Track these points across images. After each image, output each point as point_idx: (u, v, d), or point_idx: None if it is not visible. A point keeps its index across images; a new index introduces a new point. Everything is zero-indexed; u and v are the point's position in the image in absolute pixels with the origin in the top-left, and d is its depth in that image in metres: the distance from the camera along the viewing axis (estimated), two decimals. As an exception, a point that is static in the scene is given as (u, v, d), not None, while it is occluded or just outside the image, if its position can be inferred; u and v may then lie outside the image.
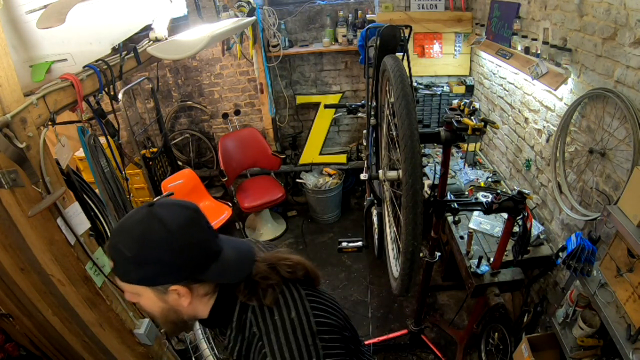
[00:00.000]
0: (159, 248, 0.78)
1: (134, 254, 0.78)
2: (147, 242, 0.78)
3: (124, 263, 0.79)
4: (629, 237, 1.39)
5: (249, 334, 0.86)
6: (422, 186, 1.31)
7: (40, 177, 1.25)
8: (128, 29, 1.75)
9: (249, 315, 0.87)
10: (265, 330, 0.84)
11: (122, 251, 0.78)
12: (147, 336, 1.77)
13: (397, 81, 1.42)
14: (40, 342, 1.79)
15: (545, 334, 2.03)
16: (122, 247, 0.78)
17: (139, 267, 0.79)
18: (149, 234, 0.78)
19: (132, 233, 0.79)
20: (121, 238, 0.80)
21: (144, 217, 0.80)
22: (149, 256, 0.78)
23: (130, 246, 0.78)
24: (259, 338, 0.85)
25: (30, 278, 1.45)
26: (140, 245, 0.78)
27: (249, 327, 0.87)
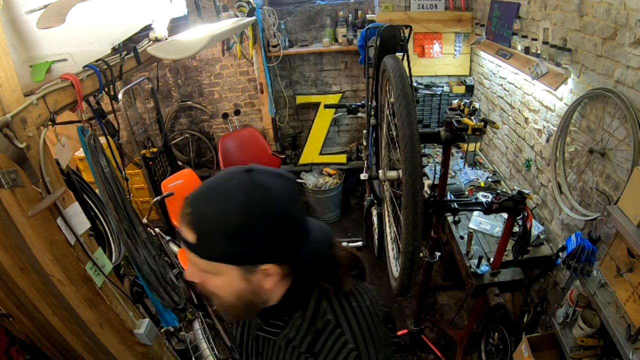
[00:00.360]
0: (265, 221, 0.67)
1: (235, 226, 0.65)
2: (254, 213, 0.66)
3: (214, 236, 0.67)
4: (629, 237, 1.39)
5: (323, 323, 0.78)
6: (422, 186, 1.31)
7: (40, 177, 1.25)
8: (128, 29, 1.75)
9: (324, 303, 0.79)
10: (345, 317, 0.78)
11: (216, 221, 0.66)
12: (147, 336, 1.77)
13: (397, 81, 1.42)
14: (40, 342, 1.79)
15: (545, 334, 2.03)
16: (218, 216, 0.66)
17: (235, 242, 0.67)
18: (256, 204, 0.66)
19: (234, 200, 0.66)
20: (217, 205, 0.67)
21: (246, 183, 0.67)
22: (251, 229, 0.66)
23: (230, 216, 0.65)
24: (336, 325, 0.77)
25: (30, 278, 1.45)
26: (244, 216, 0.65)
27: (322, 315, 0.78)
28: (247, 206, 0.66)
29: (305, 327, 0.78)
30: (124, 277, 2.12)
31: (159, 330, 1.97)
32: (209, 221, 0.67)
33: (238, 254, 0.69)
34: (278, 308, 0.80)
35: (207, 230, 0.67)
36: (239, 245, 0.67)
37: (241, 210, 0.66)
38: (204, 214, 0.67)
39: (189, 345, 2.25)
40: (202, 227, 0.68)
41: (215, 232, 0.67)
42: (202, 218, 0.67)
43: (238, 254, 0.69)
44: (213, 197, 0.69)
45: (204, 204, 0.68)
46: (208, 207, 0.68)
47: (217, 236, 0.67)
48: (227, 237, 0.66)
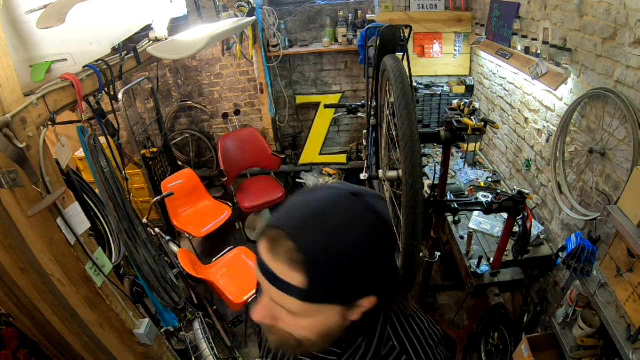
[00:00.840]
0: (385, 254, 0.59)
1: (356, 263, 0.55)
2: (377, 247, 0.58)
3: (330, 276, 0.55)
4: (629, 237, 1.39)
5: (387, 350, 0.70)
6: (422, 186, 1.31)
7: (40, 177, 1.25)
8: (128, 29, 1.75)
9: (388, 329, 0.71)
10: (409, 343, 0.71)
11: (337, 260, 0.54)
12: (147, 336, 1.77)
13: (397, 81, 1.42)
14: (40, 342, 1.79)
15: (545, 334, 2.03)
16: (340, 254, 0.54)
17: (352, 280, 0.56)
18: (379, 237, 0.58)
19: (356, 232, 0.56)
20: (336, 240, 0.55)
21: (364, 211, 0.58)
22: (371, 265, 0.57)
23: (355, 252, 0.55)
24: (401, 352, 0.70)
25: (30, 278, 1.45)
26: (369, 251, 0.56)
27: (386, 342, 0.71)
28: (373, 240, 0.57)
29: (370, 356, 0.70)
30: (124, 277, 2.13)
31: (159, 330, 1.97)
32: (329, 260, 0.54)
33: (350, 292, 0.58)
34: (347, 335, 0.70)
35: (324, 271, 0.55)
36: (354, 283, 0.57)
37: (367, 242, 0.56)
38: (322, 251, 0.54)
39: (189, 345, 2.25)
40: (318, 268, 0.54)
41: (336, 273, 0.55)
42: (318, 256, 0.54)
43: (350, 292, 0.58)
44: (329, 228, 0.55)
45: (318, 236, 0.55)
46: (326, 242, 0.54)
47: (338, 276, 0.55)
48: (345, 276, 0.56)
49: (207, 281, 2.58)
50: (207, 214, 3.56)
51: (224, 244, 3.83)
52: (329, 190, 0.61)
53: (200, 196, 3.71)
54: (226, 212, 3.57)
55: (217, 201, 3.73)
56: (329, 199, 0.58)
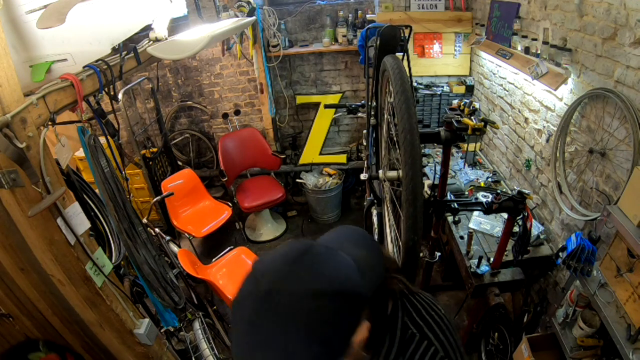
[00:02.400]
0: (335, 328, 0.59)
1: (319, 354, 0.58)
2: (323, 333, 0.58)
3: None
4: (629, 237, 1.39)
5: (408, 338, 0.74)
6: (422, 180, 1.31)
7: (40, 177, 1.25)
8: (128, 29, 1.75)
9: (405, 319, 0.75)
10: (428, 327, 0.75)
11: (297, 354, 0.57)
12: (147, 336, 1.77)
13: (397, 81, 1.42)
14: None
15: (545, 334, 2.03)
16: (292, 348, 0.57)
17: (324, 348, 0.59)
18: (312, 319, 0.58)
19: (295, 331, 0.57)
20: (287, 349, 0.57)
21: (300, 305, 0.58)
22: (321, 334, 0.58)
23: (308, 351, 0.57)
24: (422, 338, 0.74)
25: (30, 278, 1.45)
26: (315, 342, 0.58)
27: (405, 331, 0.75)
28: (310, 326, 0.58)
29: (394, 350, 0.73)
30: (124, 277, 2.12)
31: (159, 330, 1.96)
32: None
33: (334, 353, 0.60)
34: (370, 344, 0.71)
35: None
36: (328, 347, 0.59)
37: (308, 333, 0.57)
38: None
39: (189, 345, 2.26)
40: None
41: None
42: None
43: (334, 353, 0.60)
44: (273, 334, 0.58)
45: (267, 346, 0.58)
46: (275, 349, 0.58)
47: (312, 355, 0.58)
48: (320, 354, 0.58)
49: (207, 281, 2.59)
50: (207, 214, 3.56)
51: (224, 244, 3.83)
52: (246, 300, 0.61)
53: (200, 196, 3.71)
54: (226, 212, 3.57)
55: (217, 201, 3.74)
56: (252, 313, 0.59)
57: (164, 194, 2.92)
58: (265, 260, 0.64)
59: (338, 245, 0.71)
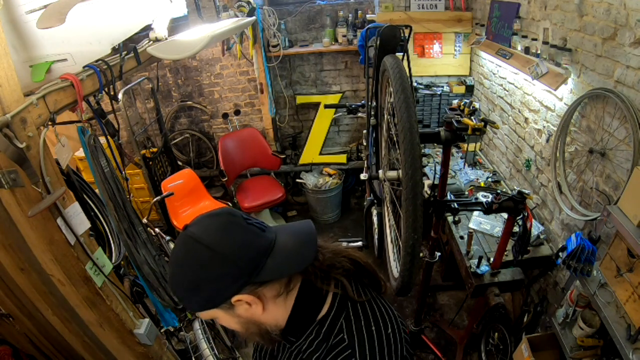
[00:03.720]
0: (205, 267, 0.73)
1: (188, 283, 0.75)
2: (191, 266, 0.74)
3: (185, 296, 0.77)
4: (629, 237, 1.39)
5: (335, 341, 0.79)
6: (422, 179, 1.31)
7: (40, 177, 1.25)
8: (128, 29, 1.75)
9: (342, 321, 0.80)
10: (360, 341, 0.77)
11: (178, 285, 0.77)
12: (147, 336, 1.77)
13: (397, 81, 1.42)
14: (40, 342, 1.79)
15: (545, 334, 2.03)
16: (176, 282, 0.77)
17: (197, 293, 0.75)
18: (190, 258, 0.75)
19: (178, 263, 0.77)
20: (173, 274, 0.78)
21: (182, 244, 0.78)
22: (199, 279, 0.74)
23: (181, 277, 0.76)
24: (348, 347, 0.77)
25: (30, 278, 1.45)
26: (187, 272, 0.75)
27: (336, 333, 0.79)
28: (185, 264, 0.75)
29: (317, 342, 0.80)
30: (124, 277, 2.12)
31: (159, 330, 1.96)
32: (175, 288, 0.79)
33: (205, 300, 0.76)
34: (289, 327, 0.83)
35: (180, 294, 0.78)
36: (200, 294, 0.75)
37: (184, 269, 0.75)
38: (172, 284, 0.79)
39: (189, 345, 2.26)
40: (176, 293, 0.80)
41: (183, 293, 0.77)
42: (173, 287, 0.80)
43: (205, 300, 0.76)
44: (172, 267, 0.79)
45: (170, 276, 0.79)
46: (171, 279, 0.79)
47: (187, 294, 0.77)
48: (191, 291, 0.75)
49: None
50: (207, 214, 3.55)
51: (224, 244, 3.82)
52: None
53: (200, 196, 3.71)
54: (226, 212, 3.56)
55: (217, 201, 3.73)
56: (174, 245, 0.82)
57: (164, 194, 2.91)
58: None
59: (279, 229, 0.83)
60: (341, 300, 0.82)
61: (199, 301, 0.76)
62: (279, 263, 0.76)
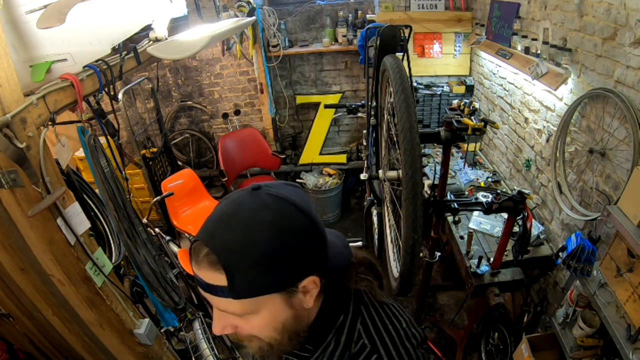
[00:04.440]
0: (299, 232, 0.61)
1: (271, 248, 0.58)
2: (286, 227, 0.60)
3: (250, 267, 0.58)
4: (629, 237, 1.39)
5: (358, 348, 0.71)
6: (422, 179, 1.31)
7: (40, 177, 1.25)
8: (128, 29, 1.75)
9: (359, 326, 0.72)
10: (381, 342, 0.71)
11: (249, 249, 0.58)
12: (147, 336, 1.77)
13: (397, 81, 1.42)
14: (40, 342, 1.79)
15: (545, 334, 2.03)
16: (249, 242, 0.58)
17: (275, 265, 0.59)
18: (284, 216, 0.61)
19: (259, 220, 0.59)
20: (243, 232, 0.59)
21: (263, 200, 0.61)
22: (288, 245, 0.60)
23: (263, 238, 0.58)
24: (372, 351, 0.70)
25: (30, 278, 1.45)
26: (278, 233, 0.59)
27: (356, 340, 0.71)
28: (278, 222, 0.60)
29: (339, 353, 0.71)
30: (124, 277, 2.13)
31: (159, 330, 1.96)
32: (240, 252, 0.58)
33: (280, 277, 0.61)
34: (312, 329, 0.73)
35: (240, 264, 0.58)
36: (279, 267, 0.60)
37: (273, 228, 0.59)
38: (231, 246, 0.58)
39: (189, 345, 2.26)
40: (233, 262, 0.58)
41: (250, 262, 0.58)
42: (229, 252, 0.58)
43: (280, 277, 0.61)
44: (233, 225, 0.60)
45: (226, 235, 0.59)
46: (233, 237, 0.59)
47: (254, 266, 0.59)
48: (265, 262, 0.59)
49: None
50: (207, 214, 3.52)
51: (224, 244, 3.82)
52: (235, 193, 0.65)
53: (200, 196, 3.71)
54: (226, 212, 3.56)
55: (217, 201, 3.72)
56: (232, 202, 0.63)
57: (164, 194, 2.91)
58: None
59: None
60: (356, 303, 0.76)
61: (270, 280, 0.60)
62: (334, 253, 0.69)
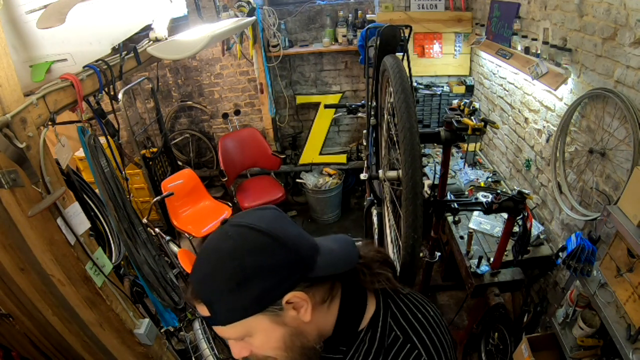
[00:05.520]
0: (264, 253, 0.64)
1: (234, 273, 0.63)
2: (245, 255, 0.63)
3: (224, 298, 0.64)
4: (629, 237, 1.39)
5: (390, 341, 0.73)
6: (422, 179, 1.31)
7: (40, 177, 1.25)
8: (128, 29, 1.75)
9: (389, 320, 0.75)
10: (413, 331, 0.74)
11: (215, 280, 0.64)
12: (147, 336, 1.77)
13: (397, 81, 1.42)
14: (40, 342, 1.79)
15: (545, 334, 2.03)
16: (213, 274, 0.64)
17: (243, 291, 0.63)
18: (240, 244, 0.64)
19: (220, 252, 0.65)
20: (207, 265, 0.66)
21: (223, 232, 0.67)
22: (255, 268, 0.63)
23: (227, 271, 0.63)
24: (405, 341, 0.72)
25: (30, 278, 1.45)
26: (236, 258, 0.63)
27: (387, 333, 0.74)
28: (238, 247, 0.64)
29: (375, 349, 0.73)
30: (124, 277, 2.13)
31: (159, 330, 1.96)
32: (210, 283, 0.65)
33: (254, 298, 0.64)
34: (338, 335, 0.75)
35: (213, 294, 0.65)
36: (248, 288, 0.63)
37: (233, 252, 0.64)
38: (201, 281, 0.66)
39: (189, 345, 2.26)
40: (207, 293, 0.65)
41: (220, 290, 0.64)
42: (201, 285, 0.66)
43: (254, 298, 0.64)
44: (203, 261, 0.68)
45: (197, 272, 0.67)
46: (203, 271, 0.66)
47: (224, 292, 0.64)
48: (233, 287, 0.63)
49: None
50: (207, 214, 3.56)
51: (224, 244, 3.82)
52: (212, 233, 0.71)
53: (200, 196, 3.71)
54: (226, 212, 3.57)
55: (217, 201, 3.74)
56: (207, 241, 0.69)
57: (164, 194, 2.92)
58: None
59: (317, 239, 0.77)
60: (384, 297, 0.78)
61: (244, 302, 0.64)
62: (329, 260, 0.71)
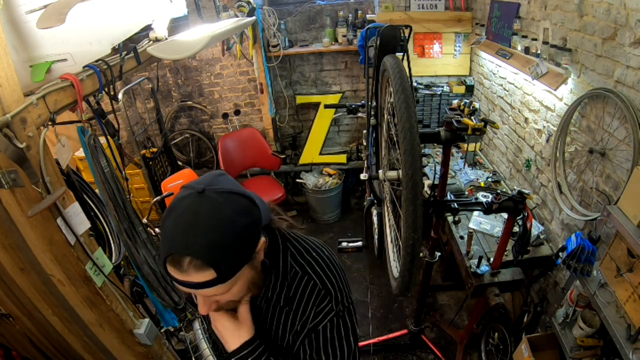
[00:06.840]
0: (249, 212, 0.77)
1: (237, 236, 0.74)
2: (238, 217, 0.74)
3: (227, 257, 0.73)
4: (629, 237, 1.39)
5: (291, 276, 0.90)
6: (422, 179, 1.31)
7: (40, 177, 1.25)
8: (128, 29, 1.75)
9: (289, 260, 0.91)
10: (309, 265, 0.91)
11: (223, 247, 0.72)
12: (147, 336, 1.77)
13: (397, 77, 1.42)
14: (40, 342, 1.79)
15: (545, 334, 2.03)
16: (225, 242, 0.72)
17: (241, 247, 0.75)
18: (234, 209, 0.74)
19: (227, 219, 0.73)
20: (222, 235, 0.72)
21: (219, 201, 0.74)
22: (247, 227, 0.76)
23: (230, 234, 0.73)
24: (303, 274, 0.90)
25: (30, 278, 1.45)
26: (236, 225, 0.74)
27: (289, 269, 0.91)
28: (236, 211, 0.74)
29: (278, 284, 0.91)
30: (124, 277, 2.12)
31: (159, 330, 1.96)
32: (221, 247, 0.72)
33: (248, 251, 0.78)
34: (263, 271, 0.91)
35: (224, 256, 0.72)
36: (245, 244, 0.76)
37: (234, 216, 0.73)
38: (211, 245, 0.71)
39: (189, 345, 2.26)
40: (218, 257, 0.72)
41: (230, 251, 0.73)
42: (212, 250, 0.71)
43: (248, 251, 0.78)
44: (203, 229, 0.71)
45: (201, 240, 0.71)
46: (209, 238, 0.71)
47: (232, 252, 0.74)
48: (238, 246, 0.74)
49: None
50: (207, 214, 3.55)
51: (224, 244, 3.82)
52: (179, 203, 0.74)
53: (200, 196, 3.71)
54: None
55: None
56: (185, 212, 0.73)
57: (164, 194, 2.91)
58: (194, 180, 0.81)
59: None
60: (284, 242, 0.93)
61: (242, 257, 0.76)
62: (262, 209, 0.84)
